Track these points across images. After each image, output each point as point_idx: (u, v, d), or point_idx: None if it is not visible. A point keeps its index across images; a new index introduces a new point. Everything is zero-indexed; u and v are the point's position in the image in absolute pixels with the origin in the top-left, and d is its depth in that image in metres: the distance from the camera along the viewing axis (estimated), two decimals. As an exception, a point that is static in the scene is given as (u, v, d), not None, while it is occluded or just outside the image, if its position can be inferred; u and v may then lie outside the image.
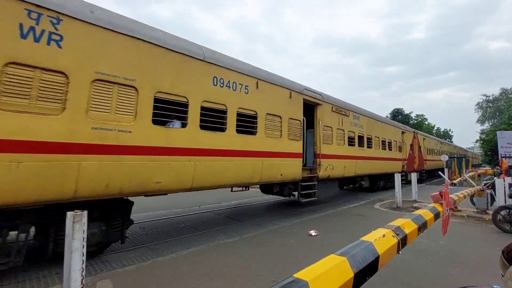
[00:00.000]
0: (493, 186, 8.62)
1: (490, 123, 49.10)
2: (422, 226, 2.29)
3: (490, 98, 50.72)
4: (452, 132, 69.06)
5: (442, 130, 66.50)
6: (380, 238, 1.61)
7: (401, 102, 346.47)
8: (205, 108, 5.48)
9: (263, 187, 8.66)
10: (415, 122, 52.24)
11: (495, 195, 8.46)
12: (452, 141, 60.24)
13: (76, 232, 2.74)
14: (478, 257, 4.76)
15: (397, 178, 10.30)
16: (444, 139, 44.42)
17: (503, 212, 6.62)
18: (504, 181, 8.47)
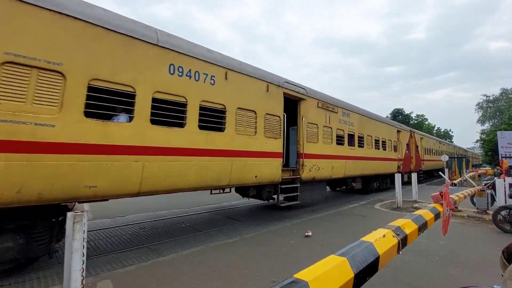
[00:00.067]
0: (493, 186, 8.62)
1: (491, 123, 49.22)
2: (423, 226, 2.29)
3: (491, 98, 50.86)
4: (452, 132, 69.33)
5: (442, 130, 66.59)
6: (380, 239, 1.62)
7: (401, 102, 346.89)
8: (158, 100, 4.78)
9: (239, 190, 7.79)
10: (415, 122, 52.33)
11: (496, 195, 8.47)
12: (452, 141, 60.30)
13: (76, 232, 2.74)
14: (478, 257, 4.76)
15: (397, 178, 10.31)
16: (444, 139, 44.43)
17: (504, 212, 6.62)
18: (504, 181, 8.49)
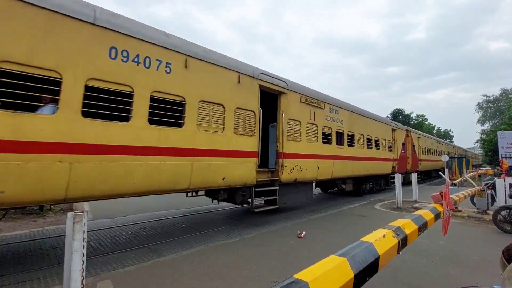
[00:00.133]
0: (493, 187, 8.62)
1: (491, 124, 49.27)
2: (423, 227, 2.29)
3: (491, 98, 50.93)
4: (452, 132, 69.48)
5: (442, 131, 66.67)
6: (380, 239, 1.61)
7: (401, 102, 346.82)
8: (93, 88, 4.10)
9: (208, 193, 6.86)
10: (416, 122, 52.37)
11: (496, 196, 8.47)
12: (452, 141, 60.32)
13: (76, 232, 2.75)
14: (479, 257, 4.76)
15: (397, 178, 10.33)
16: (444, 139, 44.42)
17: (504, 212, 6.63)
18: (504, 181, 8.49)
